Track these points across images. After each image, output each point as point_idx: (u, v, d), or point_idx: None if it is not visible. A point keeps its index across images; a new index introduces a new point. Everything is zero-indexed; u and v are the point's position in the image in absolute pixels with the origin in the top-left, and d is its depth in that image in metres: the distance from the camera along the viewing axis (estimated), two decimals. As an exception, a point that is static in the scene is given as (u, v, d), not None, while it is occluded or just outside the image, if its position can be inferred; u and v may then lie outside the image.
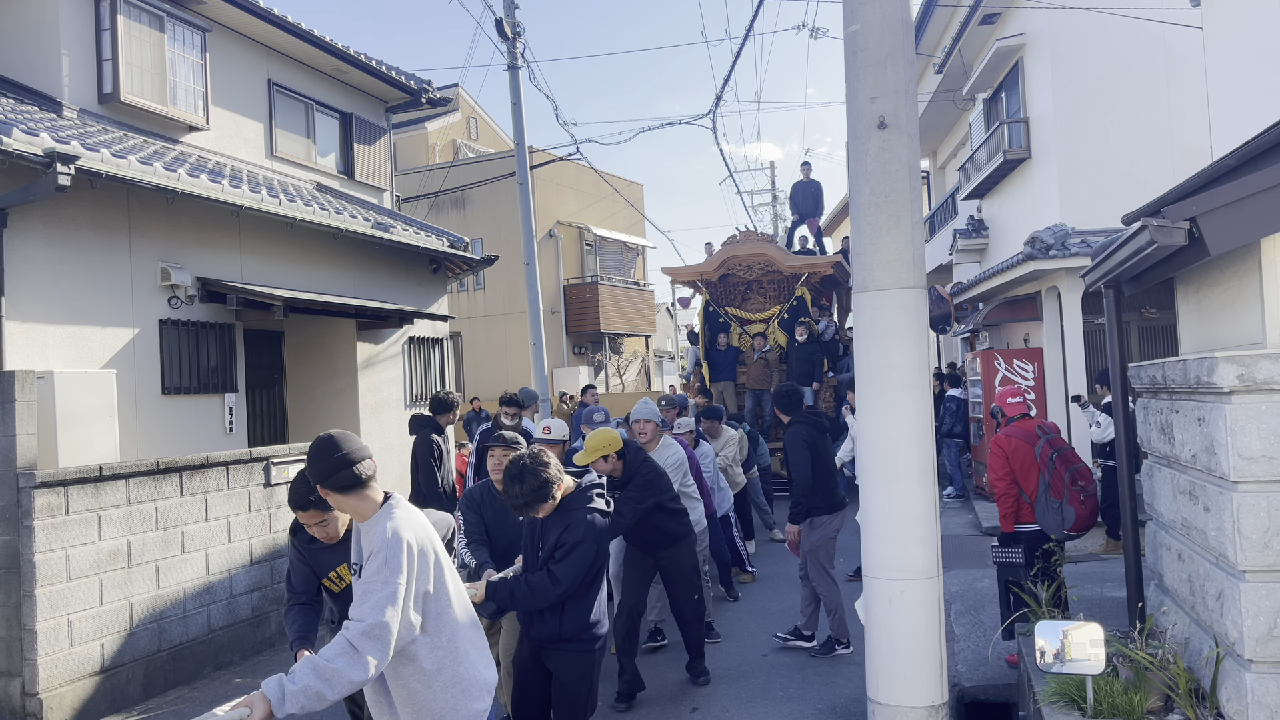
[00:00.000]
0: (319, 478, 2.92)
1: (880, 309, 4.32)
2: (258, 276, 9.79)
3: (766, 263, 14.84)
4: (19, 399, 6.21)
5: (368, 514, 2.94)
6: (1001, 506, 6.06)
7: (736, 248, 15.03)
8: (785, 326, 14.70)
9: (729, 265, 15.03)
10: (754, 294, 15.40)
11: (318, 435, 3.03)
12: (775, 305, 15.01)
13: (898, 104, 4.33)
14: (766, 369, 14.21)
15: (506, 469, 4.02)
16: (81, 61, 9.64)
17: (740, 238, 15.27)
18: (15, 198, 7.01)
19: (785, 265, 14.76)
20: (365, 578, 2.79)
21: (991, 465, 6.12)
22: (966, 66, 15.83)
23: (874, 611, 4.38)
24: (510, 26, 12.49)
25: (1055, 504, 5.80)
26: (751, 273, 14.98)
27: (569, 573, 4.00)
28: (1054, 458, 5.91)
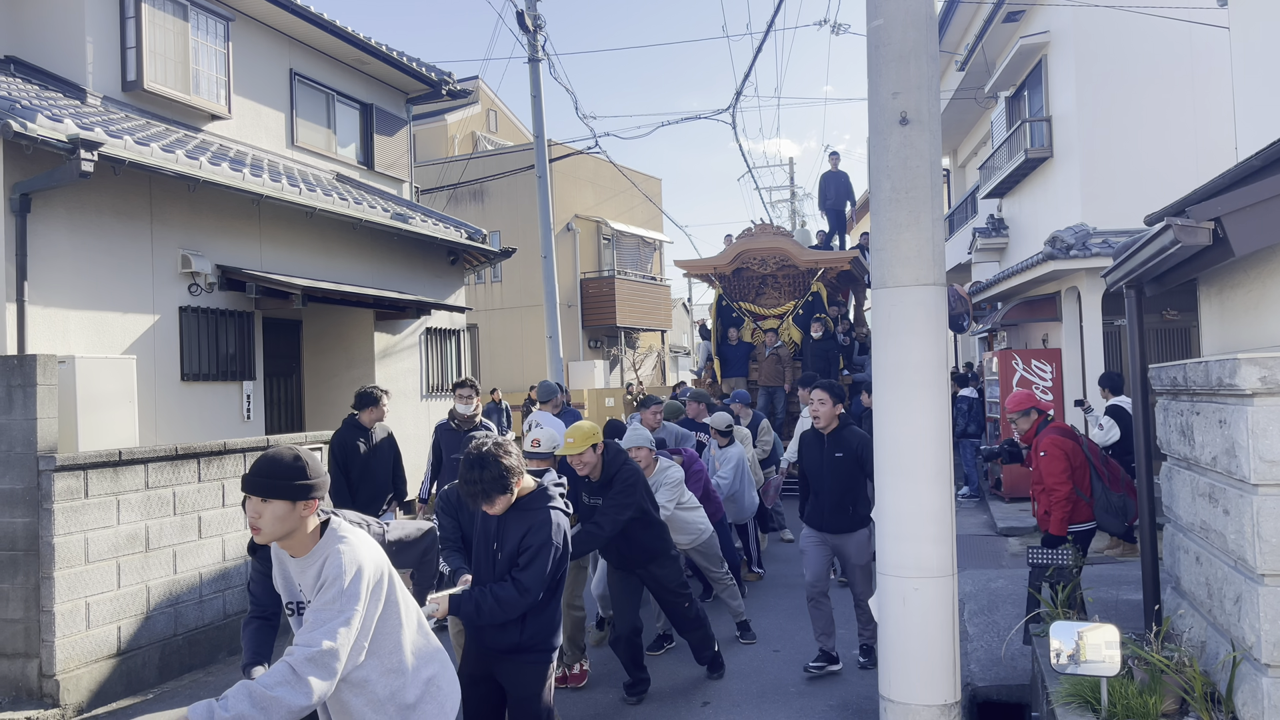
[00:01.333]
0: (274, 490, 2.66)
1: (899, 306, 4.30)
2: (277, 265, 9.84)
3: (782, 257, 14.47)
4: (40, 383, 6.26)
5: (308, 541, 2.75)
6: (1059, 510, 5.73)
7: (751, 241, 14.65)
8: (800, 322, 14.31)
9: (743, 258, 14.66)
10: (769, 288, 15.01)
11: (270, 449, 2.80)
12: (790, 300, 14.64)
13: (920, 100, 4.31)
14: (779, 365, 13.87)
15: (466, 454, 3.69)
16: (106, 49, 9.70)
17: (755, 230, 14.86)
18: (39, 183, 7.06)
19: (801, 259, 14.40)
20: (319, 605, 2.60)
21: (1050, 469, 5.76)
22: (989, 64, 15.72)
23: (888, 609, 4.37)
24: (531, 19, 12.50)
25: (1118, 497, 5.74)
26: (766, 267, 14.64)
27: (536, 580, 3.64)
28: (1104, 453, 5.88)
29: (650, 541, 5.64)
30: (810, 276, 14.47)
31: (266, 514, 2.68)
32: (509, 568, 3.70)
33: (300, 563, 2.78)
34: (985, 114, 18.25)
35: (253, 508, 2.71)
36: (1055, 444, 5.79)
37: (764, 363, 14.03)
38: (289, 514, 2.69)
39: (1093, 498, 5.76)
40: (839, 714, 5.42)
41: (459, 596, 3.71)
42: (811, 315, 14.02)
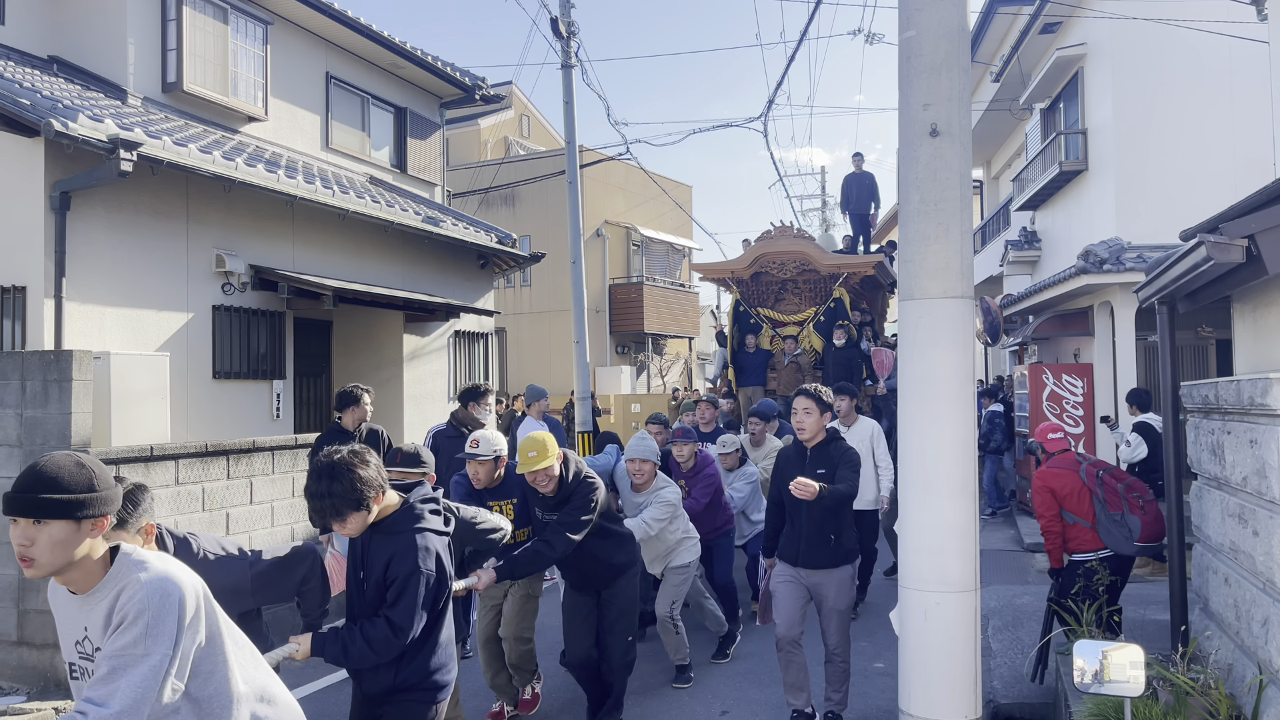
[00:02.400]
0: (51, 508, 2.09)
1: (926, 318, 4.28)
2: (309, 266, 9.95)
3: (802, 261, 13.78)
4: (76, 378, 6.37)
5: (95, 571, 2.18)
6: (1047, 543, 5.84)
7: (770, 244, 13.90)
8: (821, 330, 13.57)
9: (762, 262, 13.95)
10: (788, 294, 14.27)
11: (44, 457, 2.20)
12: (811, 307, 13.93)
13: (950, 112, 4.29)
14: (798, 374, 13.10)
15: (313, 463, 3.24)
16: (147, 51, 9.87)
17: (775, 233, 14.05)
18: (79, 182, 7.20)
19: (822, 264, 13.70)
20: (115, 650, 2.07)
21: (1036, 503, 5.95)
22: (1025, 76, 15.61)
23: (909, 623, 4.34)
24: (565, 25, 12.56)
25: (1116, 516, 5.69)
26: (786, 271, 13.93)
27: (407, 615, 3.18)
28: (1101, 475, 5.81)
29: (613, 555, 5.13)
30: (832, 282, 13.79)
31: (41, 540, 2.09)
32: (378, 601, 3.27)
33: (86, 600, 2.20)
34: (1020, 126, 18.11)
35: (21, 533, 2.09)
36: (1041, 479, 5.87)
37: (783, 371, 13.35)
38: (71, 537, 2.11)
39: (1095, 522, 5.72)
40: (859, 727, 5.39)
41: (323, 636, 3.25)
42: (834, 322, 13.29)
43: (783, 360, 13.40)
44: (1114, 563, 5.78)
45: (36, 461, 2.15)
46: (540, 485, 4.82)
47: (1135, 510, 5.65)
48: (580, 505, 4.84)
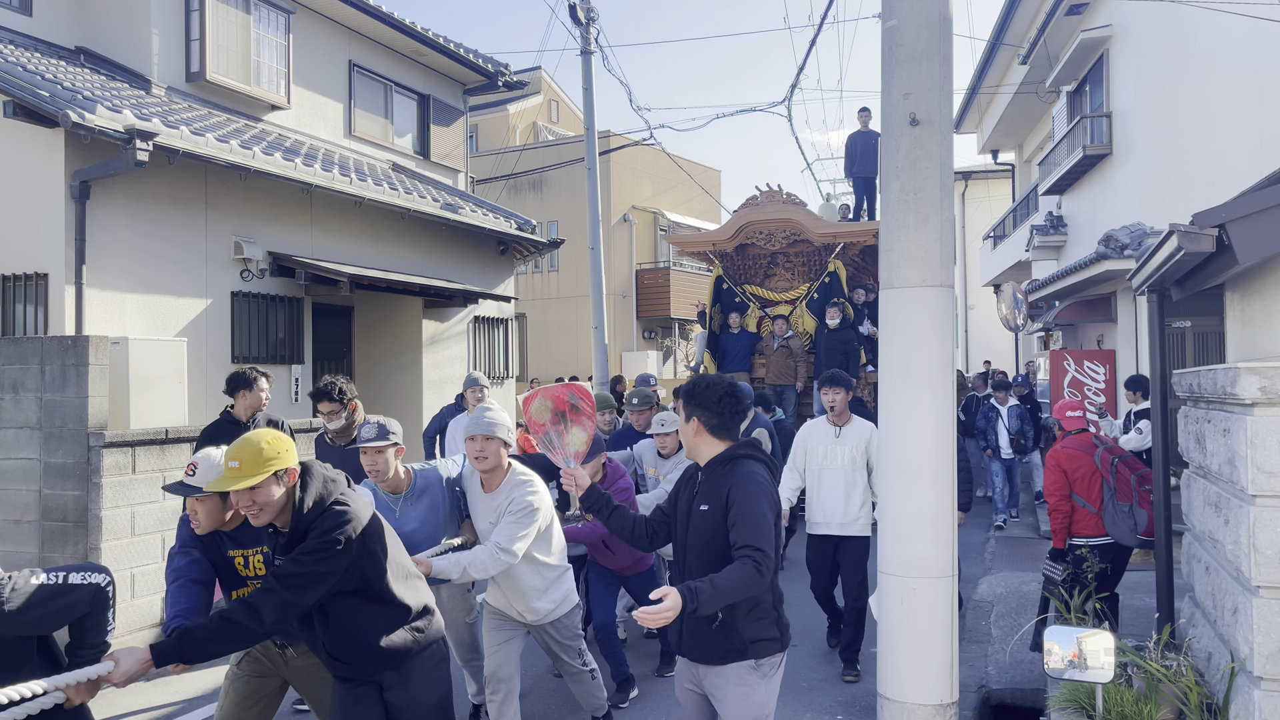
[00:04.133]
0: None
1: (905, 307, 4.32)
2: (327, 252, 10.12)
3: (793, 230, 12.08)
4: (92, 363, 6.57)
5: None
6: (1053, 522, 5.88)
7: (756, 211, 12.22)
8: (814, 309, 12.01)
9: (747, 233, 12.26)
10: (779, 269, 12.69)
11: None
12: (805, 283, 12.33)
13: (931, 101, 4.31)
14: (789, 359, 11.53)
15: None
16: (171, 41, 10.06)
17: (761, 199, 12.35)
18: (97, 171, 7.39)
19: (816, 234, 12.00)
20: None
21: (1046, 481, 5.99)
22: (1052, 58, 15.39)
23: (886, 608, 4.40)
24: (584, 12, 12.61)
25: (1125, 508, 5.69)
26: (774, 242, 12.25)
27: None
28: (1115, 463, 5.80)
29: (380, 630, 3.27)
30: (827, 254, 12.13)
31: None
32: None
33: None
34: (1049, 109, 17.87)
35: None
36: (1054, 457, 5.88)
37: (771, 357, 11.69)
38: None
39: (1101, 509, 5.71)
40: (846, 711, 5.46)
41: None
42: (828, 300, 11.76)
43: (771, 344, 11.80)
44: (1110, 551, 5.78)
45: None
46: (251, 514, 3.12)
47: (1145, 503, 5.64)
48: (321, 544, 3.06)
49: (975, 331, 26.13)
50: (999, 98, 20.04)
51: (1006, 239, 21.13)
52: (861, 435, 5.96)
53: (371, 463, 4.14)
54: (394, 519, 4.09)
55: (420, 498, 4.28)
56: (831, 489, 5.96)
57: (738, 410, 3.33)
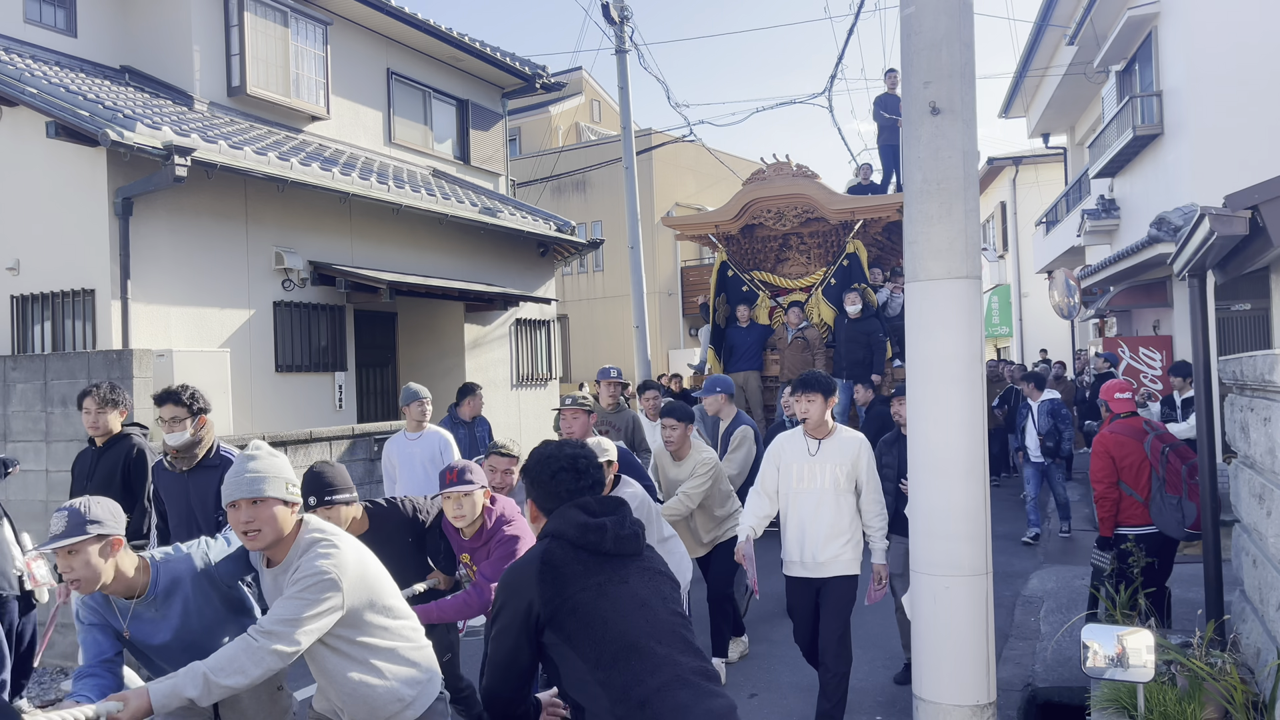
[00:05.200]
0: None
1: (929, 299, 4.23)
2: (367, 260, 10.23)
3: (805, 206, 10.60)
4: (137, 375, 6.72)
5: None
6: (1100, 510, 5.69)
7: (763, 187, 10.76)
8: (831, 296, 10.56)
9: (754, 211, 10.81)
10: (792, 252, 11.17)
11: None
12: (822, 268, 10.84)
13: (952, 88, 4.20)
14: (806, 353, 10.12)
15: None
16: (211, 57, 10.25)
17: (768, 172, 10.90)
18: (138, 188, 7.55)
19: (830, 209, 10.48)
20: None
21: (1094, 466, 5.78)
22: (1100, 38, 15.02)
23: (920, 607, 4.31)
24: (618, 10, 12.60)
25: (1173, 500, 5.51)
26: (785, 222, 10.77)
27: None
28: (1166, 452, 5.61)
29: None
30: (845, 233, 10.58)
31: None
32: None
33: None
34: (1099, 90, 17.44)
35: None
36: (1102, 442, 5.65)
37: (786, 351, 10.25)
38: None
39: (1148, 499, 5.51)
40: (885, 711, 5.37)
41: None
42: (847, 285, 10.31)
43: (785, 336, 10.37)
44: (1156, 542, 5.60)
45: None
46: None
47: (1194, 496, 5.43)
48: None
49: (1030, 320, 25.57)
50: (1047, 80, 19.62)
51: (1059, 224, 20.68)
52: (846, 451, 4.76)
53: (65, 567, 2.82)
54: (138, 629, 2.99)
55: (169, 599, 3.01)
56: (808, 518, 4.74)
57: (577, 489, 2.51)
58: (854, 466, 4.78)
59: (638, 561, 2.51)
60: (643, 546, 2.55)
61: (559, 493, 2.52)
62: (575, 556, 2.41)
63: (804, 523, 4.79)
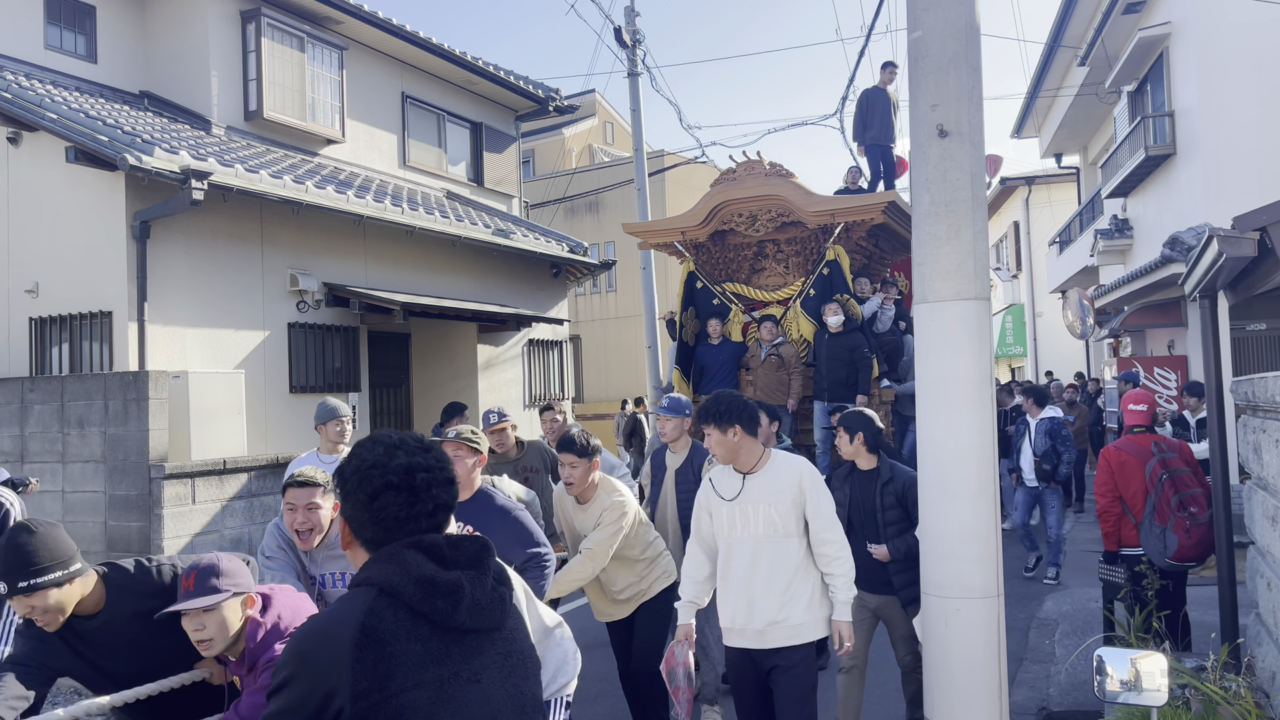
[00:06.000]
0: None
1: (938, 320, 4.24)
2: (382, 281, 10.30)
3: (779, 209, 9.35)
4: (153, 396, 6.78)
5: None
6: (1102, 524, 5.71)
7: (733, 188, 9.54)
8: (811, 308, 9.28)
9: (723, 216, 9.60)
10: (768, 261, 9.90)
11: None
12: (802, 278, 9.56)
13: (960, 111, 4.23)
14: (781, 371, 8.96)
15: None
16: (229, 82, 10.38)
17: (739, 172, 9.64)
18: (155, 211, 7.64)
19: (807, 212, 9.21)
20: None
21: (1096, 479, 5.79)
22: (1111, 58, 15.05)
23: (930, 630, 4.29)
24: (630, 34, 12.70)
25: (1158, 529, 5.45)
26: (758, 227, 9.49)
27: None
28: (1164, 479, 5.53)
29: None
30: (826, 238, 9.32)
31: None
32: None
33: None
34: (1111, 110, 17.46)
35: None
36: (1105, 456, 5.61)
37: (759, 369, 9.06)
38: None
39: (1140, 522, 5.47)
40: (899, 734, 5.33)
41: None
42: (828, 297, 9.09)
43: (759, 353, 9.14)
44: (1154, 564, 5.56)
45: None
46: None
47: (1178, 529, 5.35)
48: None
49: (1044, 339, 25.49)
50: (1059, 101, 19.66)
51: (1072, 244, 20.65)
52: (784, 486, 3.81)
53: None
54: None
55: None
56: (744, 573, 3.82)
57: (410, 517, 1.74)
58: (794, 502, 3.80)
59: (497, 641, 1.75)
60: (506, 617, 1.79)
61: (385, 522, 1.72)
62: (412, 629, 1.62)
63: (740, 580, 3.84)
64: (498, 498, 4.05)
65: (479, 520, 3.79)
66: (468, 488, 3.97)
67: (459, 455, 3.96)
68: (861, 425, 4.85)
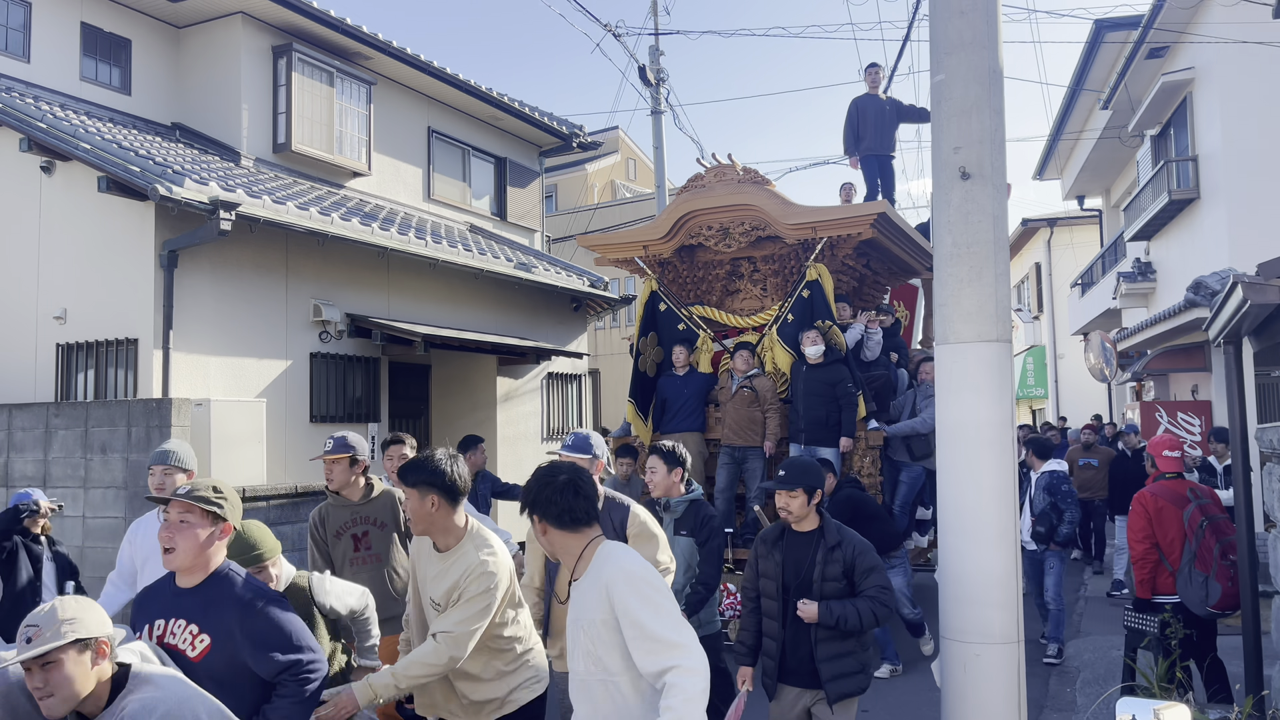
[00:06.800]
0: None
1: (960, 362, 4.23)
2: (404, 313, 10.38)
3: (754, 222, 8.00)
4: (175, 424, 6.84)
5: None
6: (1138, 572, 5.55)
7: (701, 196, 8.17)
8: (788, 336, 7.94)
9: (691, 228, 8.25)
10: (743, 281, 8.58)
11: None
12: (781, 300, 8.16)
13: (982, 154, 4.25)
14: (754, 408, 7.59)
15: None
16: (259, 114, 10.56)
17: (709, 178, 8.27)
18: (184, 241, 7.75)
19: (785, 225, 7.85)
20: None
21: (1131, 524, 5.63)
22: (1134, 102, 15.08)
23: (949, 675, 4.25)
24: (654, 73, 12.86)
25: (1200, 577, 5.36)
26: (730, 241, 8.12)
27: None
28: (1204, 525, 5.45)
29: None
30: (806, 254, 7.95)
31: None
32: None
33: None
34: (1134, 154, 17.46)
35: None
36: (1140, 500, 5.49)
37: (728, 405, 7.70)
38: None
39: (1177, 570, 5.36)
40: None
41: None
42: (807, 322, 7.80)
43: (729, 386, 7.81)
44: (1187, 612, 5.45)
45: None
46: None
47: (1221, 577, 5.27)
48: None
49: (1065, 382, 25.30)
50: (1082, 143, 19.67)
51: (1094, 286, 20.57)
52: (593, 599, 2.63)
53: None
54: None
55: None
56: None
57: None
58: (605, 623, 2.58)
59: None
60: None
61: None
62: None
63: None
64: (238, 583, 2.84)
65: (209, 616, 2.78)
66: (198, 570, 2.82)
67: (186, 522, 2.79)
68: (813, 479, 3.81)
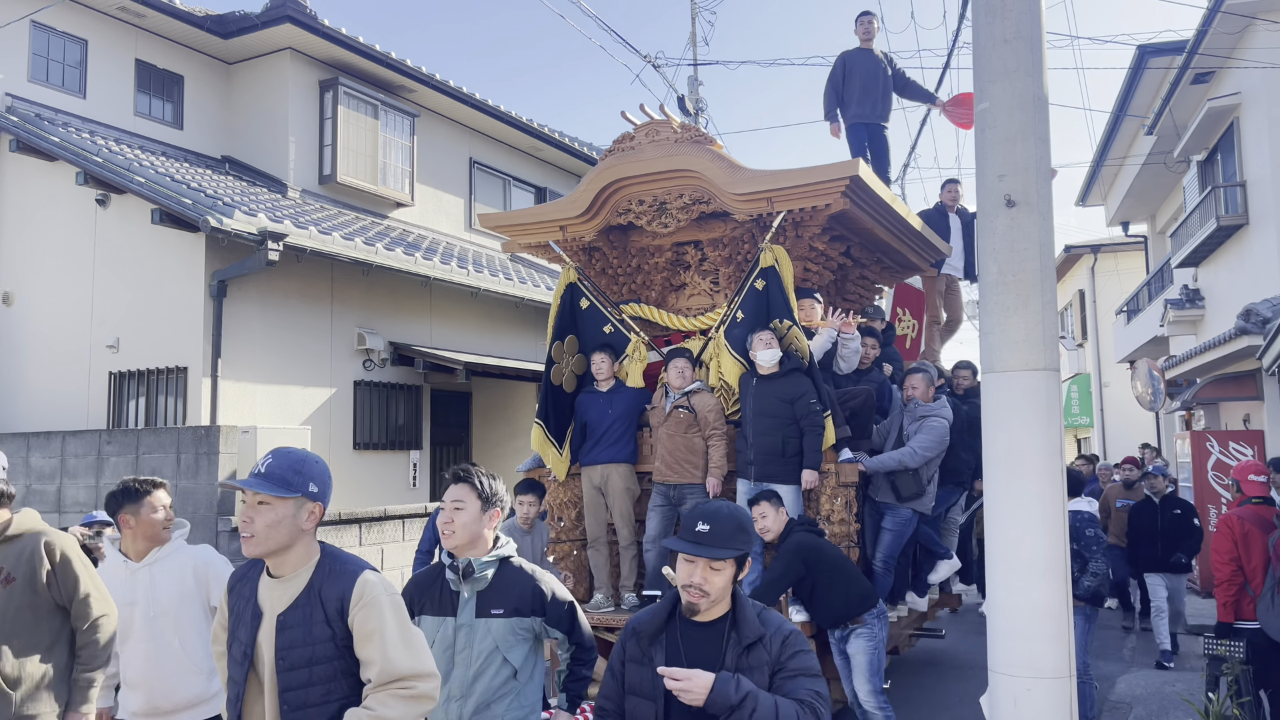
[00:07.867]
0: None
1: (1007, 391, 4.19)
2: (446, 341, 10.48)
3: (696, 191, 5.99)
4: (223, 451, 6.94)
5: None
6: (1221, 594, 5.47)
7: (630, 160, 6.06)
8: (735, 339, 5.89)
9: (617, 202, 6.17)
10: (689, 273, 6.58)
11: None
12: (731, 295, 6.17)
13: (1028, 182, 4.22)
14: (692, 434, 5.73)
15: None
16: (306, 148, 10.77)
17: (640, 138, 6.12)
18: (233, 271, 7.90)
19: (731, 195, 5.81)
20: None
21: (1216, 546, 5.55)
22: (1179, 128, 14.90)
23: (998, 710, 4.17)
24: (693, 103, 12.93)
25: None
26: (667, 219, 6.08)
27: None
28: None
29: None
30: (761, 232, 5.98)
31: None
32: None
33: None
34: (1180, 180, 17.24)
35: None
36: (1226, 523, 5.42)
37: (661, 429, 5.78)
38: None
39: (1259, 594, 5.24)
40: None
41: None
42: (762, 320, 5.85)
43: (663, 405, 5.84)
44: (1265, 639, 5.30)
45: None
46: None
47: None
48: None
49: (1111, 410, 24.87)
50: (1126, 169, 19.46)
51: (1140, 313, 20.25)
52: None
53: None
54: None
55: None
56: None
57: None
58: None
59: None
60: None
61: None
62: None
63: None
64: None
65: None
66: None
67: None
68: (746, 542, 2.54)
